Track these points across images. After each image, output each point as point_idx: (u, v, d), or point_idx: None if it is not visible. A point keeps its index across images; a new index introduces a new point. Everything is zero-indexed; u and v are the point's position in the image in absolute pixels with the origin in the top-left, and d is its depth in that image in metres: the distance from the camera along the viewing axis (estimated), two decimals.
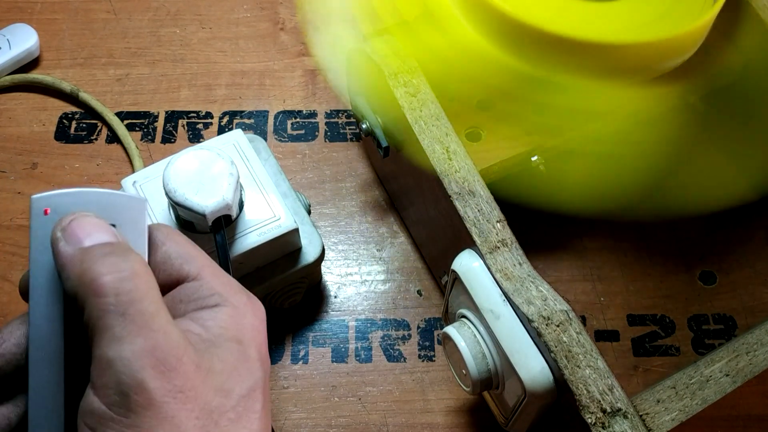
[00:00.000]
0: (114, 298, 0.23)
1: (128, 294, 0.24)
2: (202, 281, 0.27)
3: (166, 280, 0.27)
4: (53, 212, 0.25)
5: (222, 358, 0.25)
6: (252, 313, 0.27)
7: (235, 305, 0.26)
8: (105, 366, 0.23)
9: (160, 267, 0.27)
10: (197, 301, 0.26)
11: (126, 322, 0.23)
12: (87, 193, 0.26)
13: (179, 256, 0.27)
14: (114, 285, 0.24)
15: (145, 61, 0.63)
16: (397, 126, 0.45)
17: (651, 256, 0.53)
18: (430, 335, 0.51)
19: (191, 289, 0.27)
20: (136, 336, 0.23)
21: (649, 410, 0.36)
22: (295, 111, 0.61)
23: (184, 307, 0.26)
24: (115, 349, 0.23)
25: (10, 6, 0.65)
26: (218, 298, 0.26)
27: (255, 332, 0.27)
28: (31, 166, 0.57)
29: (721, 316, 0.51)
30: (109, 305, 0.23)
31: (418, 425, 0.47)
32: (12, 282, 0.52)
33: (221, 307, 0.26)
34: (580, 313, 0.51)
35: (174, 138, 0.59)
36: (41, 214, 0.25)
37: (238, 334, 0.26)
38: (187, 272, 0.27)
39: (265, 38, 0.65)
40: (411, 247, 0.54)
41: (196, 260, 0.27)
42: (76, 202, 0.26)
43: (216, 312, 0.26)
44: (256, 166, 0.45)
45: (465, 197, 0.40)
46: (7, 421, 0.27)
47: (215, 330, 0.26)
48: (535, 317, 0.36)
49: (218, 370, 0.25)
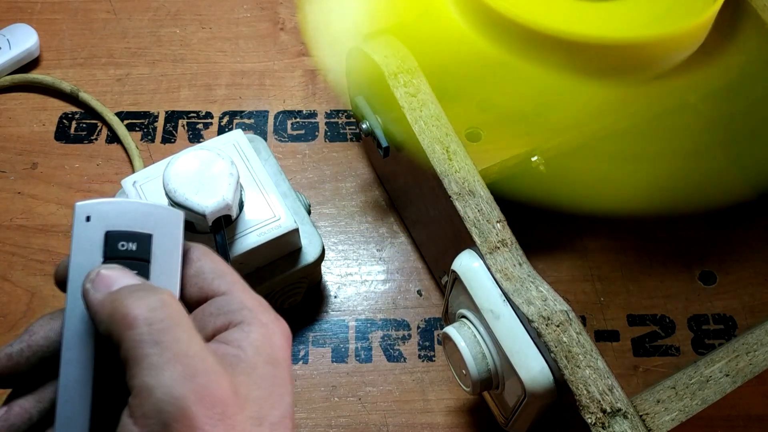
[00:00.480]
0: (147, 328, 0.24)
1: (161, 323, 0.24)
2: (232, 296, 0.27)
3: (197, 294, 0.27)
4: (94, 219, 0.27)
5: (259, 384, 0.25)
6: (280, 332, 0.27)
7: (265, 323, 0.27)
8: (145, 394, 0.23)
9: (193, 280, 0.27)
10: (227, 315, 0.26)
11: (162, 350, 0.23)
12: (126, 204, 0.27)
13: (212, 271, 0.28)
14: (146, 316, 0.24)
15: (145, 61, 0.63)
16: (397, 126, 0.45)
17: (651, 256, 0.53)
18: (430, 335, 0.51)
19: (222, 303, 0.27)
20: (174, 363, 0.23)
21: (649, 410, 0.36)
22: (295, 111, 0.61)
23: (214, 320, 0.26)
24: (155, 377, 0.23)
25: (10, 6, 0.65)
26: (247, 314, 0.26)
27: (286, 353, 0.27)
28: (31, 166, 0.57)
29: (721, 316, 0.51)
30: (143, 335, 0.23)
31: (418, 425, 0.47)
32: (12, 282, 0.52)
33: (251, 326, 0.26)
34: (580, 313, 0.51)
35: (174, 138, 0.59)
36: (83, 221, 0.26)
37: (273, 355, 0.26)
38: (217, 287, 0.27)
39: (265, 38, 0.65)
40: (411, 247, 0.54)
41: (228, 276, 0.28)
42: (116, 211, 0.27)
43: (247, 332, 0.26)
44: (256, 166, 0.45)
45: (465, 197, 0.40)
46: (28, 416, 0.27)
47: (251, 351, 0.26)
48: (535, 317, 0.36)
49: (254, 397, 0.25)
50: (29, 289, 0.52)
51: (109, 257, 0.26)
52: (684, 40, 0.44)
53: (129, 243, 0.27)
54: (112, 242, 0.26)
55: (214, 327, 0.26)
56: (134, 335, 0.23)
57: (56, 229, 0.54)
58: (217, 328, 0.26)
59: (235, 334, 0.26)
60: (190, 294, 0.27)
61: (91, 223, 0.26)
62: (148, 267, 0.27)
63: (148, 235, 0.27)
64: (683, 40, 0.44)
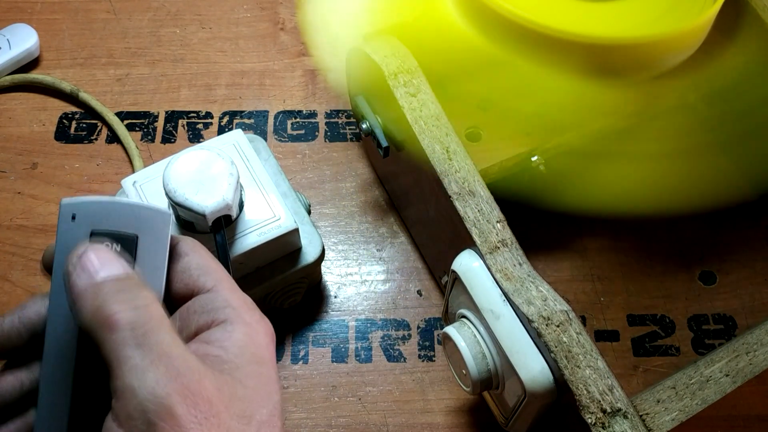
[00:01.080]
0: (130, 332, 0.24)
1: (143, 326, 0.24)
2: (217, 293, 0.27)
3: (183, 290, 0.27)
4: (80, 218, 0.26)
5: (244, 382, 0.25)
6: (264, 332, 0.27)
7: (248, 322, 0.26)
8: (129, 395, 0.23)
9: (179, 276, 0.27)
10: (210, 313, 0.26)
11: (145, 352, 0.23)
12: (113, 203, 0.27)
13: (198, 268, 0.27)
14: (129, 320, 0.24)
15: (145, 61, 0.63)
16: (397, 126, 0.45)
17: (651, 256, 0.53)
18: (430, 335, 0.51)
19: (206, 300, 0.27)
20: (157, 364, 0.23)
21: (649, 410, 0.36)
22: (295, 111, 0.61)
23: (198, 318, 0.26)
24: (139, 378, 0.23)
25: (10, 6, 0.65)
26: (231, 312, 0.26)
27: (270, 352, 0.27)
28: (31, 166, 0.57)
29: (721, 316, 0.51)
30: (126, 339, 0.23)
31: (418, 425, 0.47)
32: (12, 282, 0.52)
33: (234, 324, 0.26)
34: (580, 313, 0.51)
35: (174, 138, 0.59)
36: (69, 219, 0.26)
37: (258, 354, 0.26)
38: (203, 284, 0.27)
39: (265, 38, 0.65)
40: (411, 247, 0.54)
41: (214, 273, 0.27)
42: (102, 210, 0.26)
43: (231, 331, 0.26)
44: (256, 166, 0.45)
45: (465, 197, 0.40)
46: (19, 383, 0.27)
47: (234, 350, 0.25)
48: (535, 317, 0.36)
49: (240, 396, 0.25)
50: (29, 289, 0.52)
51: None
52: (684, 40, 0.44)
53: (114, 244, 0.26)
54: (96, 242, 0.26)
55: (197, 324, 0.26)
56: (117, 339, 0.23)
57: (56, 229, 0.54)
58: (200, 325, 0.26)
59: (217, 334, 0.26)
60: (176, 290, 0.27)
61: (76, 222, 0.26)
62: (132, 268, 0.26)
63: (134, 236, 0.26)
64: (683, 40, 0.44)
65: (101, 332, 0.24)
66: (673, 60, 0.45)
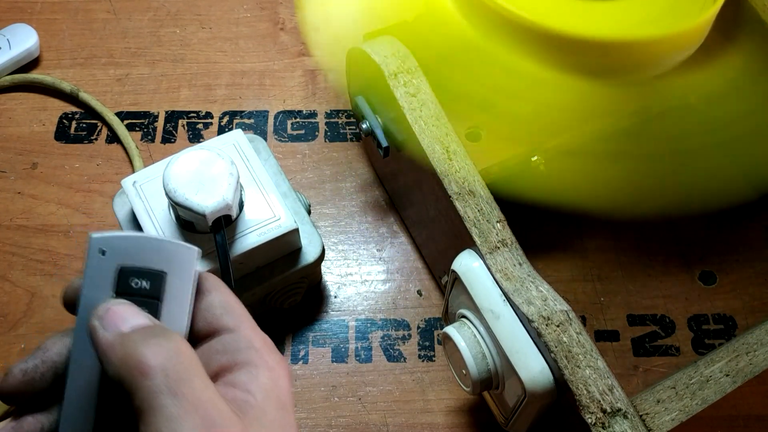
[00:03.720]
0: (163, 379, 0.23)
1: (176, 373, 0.24)
2: (239, 334, 0.27)
3: (205, 328, 0.27)
4: (109, 253, 0.26)
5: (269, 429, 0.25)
6: (285, 375, 0.27)
7: (272, 366, 0.27)
8: None
9: (203, 314, 0.27)
10: (233, 354, 0.26)
11: (178, 401, 0.23)
12: (142, 239, 0.27)
13: (222, 306, 0.27)
14: (162, 365, 0.24)
15: (145, 61, 0.63)
16: (397, 126, 0.45)
17: (651, 256, 0.53)
18: (430, 335, 0.51)
19: (229, 340, 0.27)
20: (192, 414, 0.23)
21: (649, 410, 0.36)
22: (295, 111, 0.61)
23: (220, 357, 0.26)
24: (173, 429, 0.23)
25: (10, 6, 0.65)
26: (254, 354, 0.26)
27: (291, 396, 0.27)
28: (31, 166, 0.57)
29: (721, 316, 0.51)
30: (160, 386, 0.23)
31: (418, 425, 0.47)
32: (12, 282, 0.52)
33: (259, 368, 0.26)
34: (580, 313, 0.51)
35: (174, 138, 0.59)
36: (98, 254, 0.26)
37: (281, 399, 0.26)
38: (225, 323, 0.27)
39: (265, 38, 0.65)
40: (411, 247, 0.54)
41: (237, 312, 0.28)
42: (131, 246, 0.27)
43: (255, 375, 0.26)
44: (256, 166, 0.45)
45: (465, 197, 0.40)
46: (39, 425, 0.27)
47: (260, 396, 0.26)
48: (535, 317, 0.36)
49: None
50: (29, 289, 0.52)
51: (120, 293, 0.26)
52: (684, 40, 0.44)
53: (142, 281, 0.26)
54: (124, 278, 0.26)
55: (219, 364, 0.26)
56: (150, 386, 0.23)
57: (56, 229, 0.54)
58: (222, 365, 0.26)
59: (242, 377, 0.26)
60: (198, 328, 0.27)
61: (105, 257, 0.26)
62: (159, 306, 0.26)
63: (162, 273, 0.27)
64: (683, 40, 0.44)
65: (133, 379, 0.24)
66: (673, 60, 0.45)
